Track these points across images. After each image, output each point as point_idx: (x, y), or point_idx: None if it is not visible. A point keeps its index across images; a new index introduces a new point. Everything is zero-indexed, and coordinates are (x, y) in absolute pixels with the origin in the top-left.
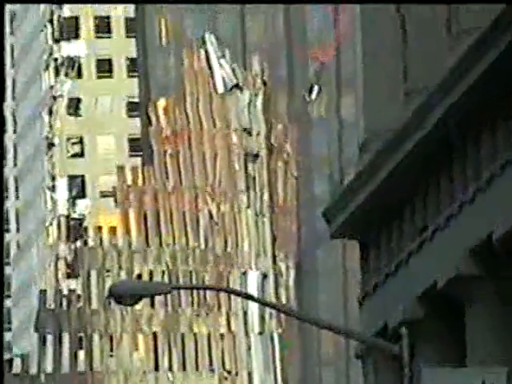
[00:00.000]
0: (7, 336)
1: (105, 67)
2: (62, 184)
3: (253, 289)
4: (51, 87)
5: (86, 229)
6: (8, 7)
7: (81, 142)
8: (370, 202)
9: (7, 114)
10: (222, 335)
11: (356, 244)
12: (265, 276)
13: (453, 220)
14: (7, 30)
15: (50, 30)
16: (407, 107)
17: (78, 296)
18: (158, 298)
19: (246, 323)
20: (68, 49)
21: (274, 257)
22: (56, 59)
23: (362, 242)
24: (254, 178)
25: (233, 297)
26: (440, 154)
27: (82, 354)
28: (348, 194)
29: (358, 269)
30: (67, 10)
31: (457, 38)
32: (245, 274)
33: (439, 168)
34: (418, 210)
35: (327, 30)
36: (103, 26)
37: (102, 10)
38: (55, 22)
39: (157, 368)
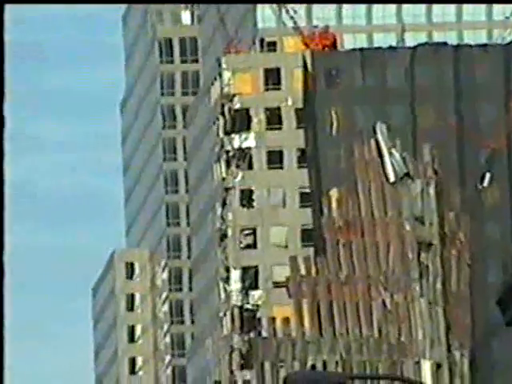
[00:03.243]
0: None
1: (276, 158)
2: (235, 275)
3: (427, 378)
4: (223, 179)
5: (259, 320)
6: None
7: (253, 233)
8: None
9: (182, 206)
10: None
11: None
12: (439, 365)
13: None
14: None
15: (221, 122)
16: None
17: None
18: None
19: None
20: (239, 141)
21: (449, 346)
22: (227, 151)
23: None
24: (427, 267)
25: None
26: None
27: None
28: None
29: None
30: (238, 103)
31: None
32: (418, 363)
33: None
34: None
35: (499, 116)
36: (274, 118)
37: (273, 101)
38: (226, 115)
39: None
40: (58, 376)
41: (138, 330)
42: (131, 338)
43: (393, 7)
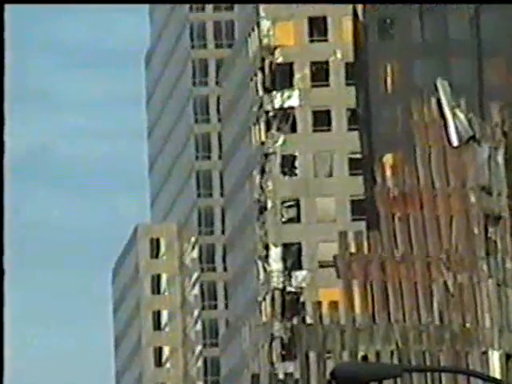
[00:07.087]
0: None
1: (322, 120)
2: (275, 253)
3: (495, 370)
4: (262, 143)
5: (303, 304)
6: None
7: (297, 205)
8: None
9: (215, 174)
10: None
11: None
12: (509, 356)
13: None
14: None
15: (260, 78)
16: None
17: (296, 381)
18: (387, 382)
19: None
20: (280, 100)
21: None
22: (267, 112)
23: None
24: (496, 243)
25: (472, 380)
26: None
27: None
28: None
29: None
30: (280, 57)
31: None
32: (485, 353)
33: None
34: None
35: None
36: (320, 73)
37: (319, 54)
38: (266, 70)
39: None
40: (75, 366)
41: (165, 317)
42: (157, 325)
43: None
